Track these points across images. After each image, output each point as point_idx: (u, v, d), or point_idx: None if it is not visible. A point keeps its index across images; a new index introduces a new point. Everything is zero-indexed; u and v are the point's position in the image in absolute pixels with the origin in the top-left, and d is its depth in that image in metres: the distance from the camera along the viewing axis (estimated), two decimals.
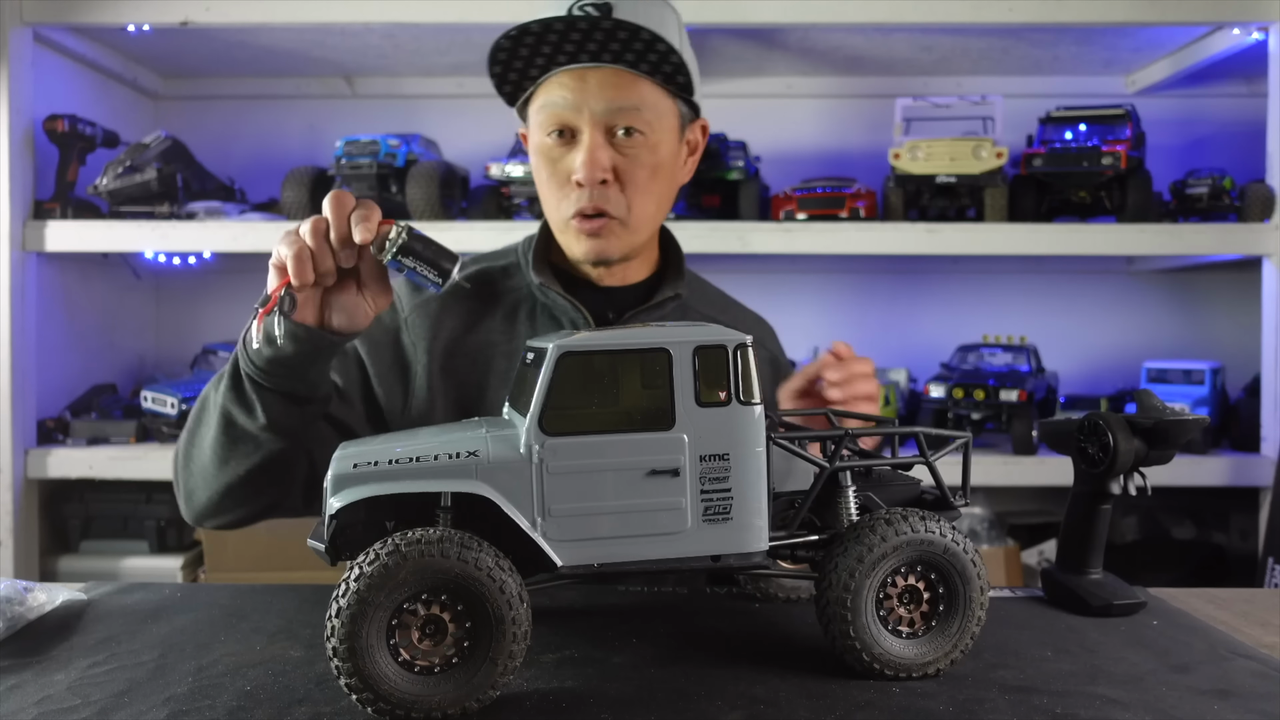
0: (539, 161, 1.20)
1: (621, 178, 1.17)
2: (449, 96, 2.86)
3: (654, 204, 1.22)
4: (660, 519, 0.75)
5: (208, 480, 1.10)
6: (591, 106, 1.14)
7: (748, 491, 0.76)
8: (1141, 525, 2.65)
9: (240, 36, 2.50)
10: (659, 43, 1.11)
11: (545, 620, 0.91)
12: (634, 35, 1.10)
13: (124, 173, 2.39)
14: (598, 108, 1.14)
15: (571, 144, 1.17)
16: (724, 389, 0.75)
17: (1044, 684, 0.78)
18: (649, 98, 1.17)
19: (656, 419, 0.74)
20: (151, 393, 2.42)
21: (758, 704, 0.73)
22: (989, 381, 2.28)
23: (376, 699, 0.69)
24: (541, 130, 1.18)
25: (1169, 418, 0.96)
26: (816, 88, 2.85)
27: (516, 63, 1.16)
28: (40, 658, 0.84)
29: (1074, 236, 2.30)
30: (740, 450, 0.75)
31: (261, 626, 0.92)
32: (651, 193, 1.20)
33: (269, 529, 2.36)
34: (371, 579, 0.68)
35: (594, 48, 1.12)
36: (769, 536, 0.77)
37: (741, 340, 0.76)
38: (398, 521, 0.77)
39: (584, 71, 1.14)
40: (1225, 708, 0.74)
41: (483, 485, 0.73)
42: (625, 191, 1.18)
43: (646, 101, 1.16)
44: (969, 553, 0.78)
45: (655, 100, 1.17)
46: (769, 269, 2.77)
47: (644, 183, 1.18)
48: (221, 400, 1.06)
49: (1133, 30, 2.38)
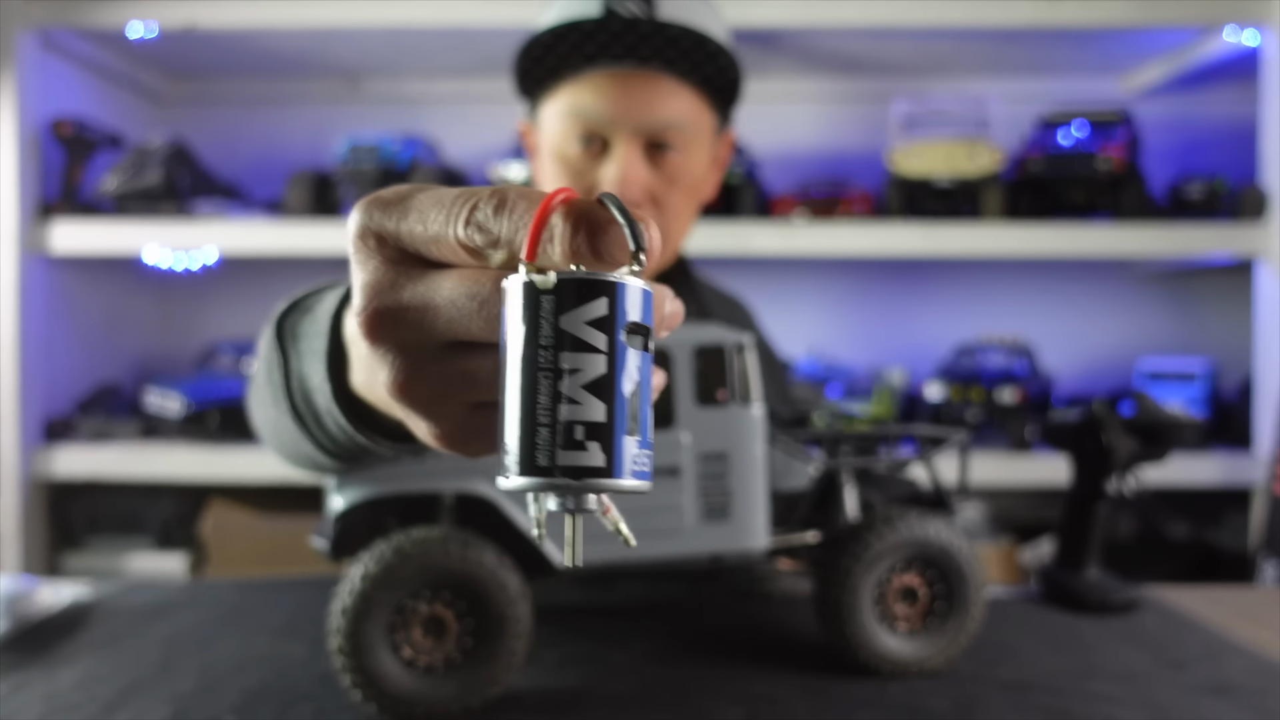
0: (557, 169, 1.03)
1: (656, 199, 1.02)
2: (452, 99, 2.87)
3: (683, 227, 1.08)
4: (659, 518, 0.75)
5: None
6: (634, 117, 0.98)
7: (747, 490, 0.76)
8: (1137, 524, 2.65)
9: (244, 39, 2.50)
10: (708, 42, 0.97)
11: (546, 618, 0.92)
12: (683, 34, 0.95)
13: (129, 175, 2.40)
14: (641, 120, 0.98)
15: (600, 154, 1.01)
16: (724, 388, 0.76)
17: (1041, 681, 0.78)
18: (692, 111, 1.02)
19: (656, 418, 0.75)
20: (157, 392, 2.43)
21: (757, 701, 0.74)
22: (986, 382, 2.29)
23: (379, 696, 0.69)
24: (565, 136, 1.02)
25: (1164, 418, 0.97)
26: (815, 90, 2.86)
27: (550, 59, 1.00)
28: (46, 655, 0.85)
29: (1070, 238, 2.31)
30: (739, 449, 0.76)
31: (265, 624, 0.93)
32: (685, 216, 1.07)
33: (273, 527, 2.38)
34: (375, 577, 0.69)
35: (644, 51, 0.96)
36: (768, 535, 0.78)
37: (741, 341, 0.77)
38: (400, 520, 0.78)
39: (625, 76, 0.98)
40: (1221, 704, 0.74)
41: (484, 485, 0.74)
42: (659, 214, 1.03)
43: (689, 115, 1.01)
44: (966, 551, 0.79)
45: (698, 114, 1.03)
46: (768, 269, 2.78)
47: (679, 206, 1.04)
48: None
49: (1128, 33, 2.38)
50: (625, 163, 0.98)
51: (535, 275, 0.34)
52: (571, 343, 0.33)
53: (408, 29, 2.39)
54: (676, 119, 1.00)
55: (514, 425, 0.34)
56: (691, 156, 1.03)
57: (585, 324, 0.33)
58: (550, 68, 1.00)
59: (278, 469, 2.31)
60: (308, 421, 0.61)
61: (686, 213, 1.07)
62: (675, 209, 1.03)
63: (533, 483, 0.34)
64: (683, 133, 1.01)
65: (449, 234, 0.36)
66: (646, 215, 0.35)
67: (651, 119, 0.99)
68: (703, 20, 0.98)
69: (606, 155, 1.00)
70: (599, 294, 0.33)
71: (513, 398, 0.34)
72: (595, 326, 0.33)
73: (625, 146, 0.99)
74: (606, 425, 0.34)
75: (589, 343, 0.33)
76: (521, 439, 0.34)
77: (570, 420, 0.33)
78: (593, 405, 0.33)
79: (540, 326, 0.33)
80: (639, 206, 0.98)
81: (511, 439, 0.34)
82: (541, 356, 0.33)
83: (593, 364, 0.33)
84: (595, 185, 1.00)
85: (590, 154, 1.01)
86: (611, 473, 0.34)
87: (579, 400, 0.33)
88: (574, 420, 0.33)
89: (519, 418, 0.34)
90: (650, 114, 0.98)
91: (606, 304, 0.33)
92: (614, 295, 0.33)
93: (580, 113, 0.99)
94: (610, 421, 0.34)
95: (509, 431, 0.34)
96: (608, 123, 0.99)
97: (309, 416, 0.61)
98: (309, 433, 0.62)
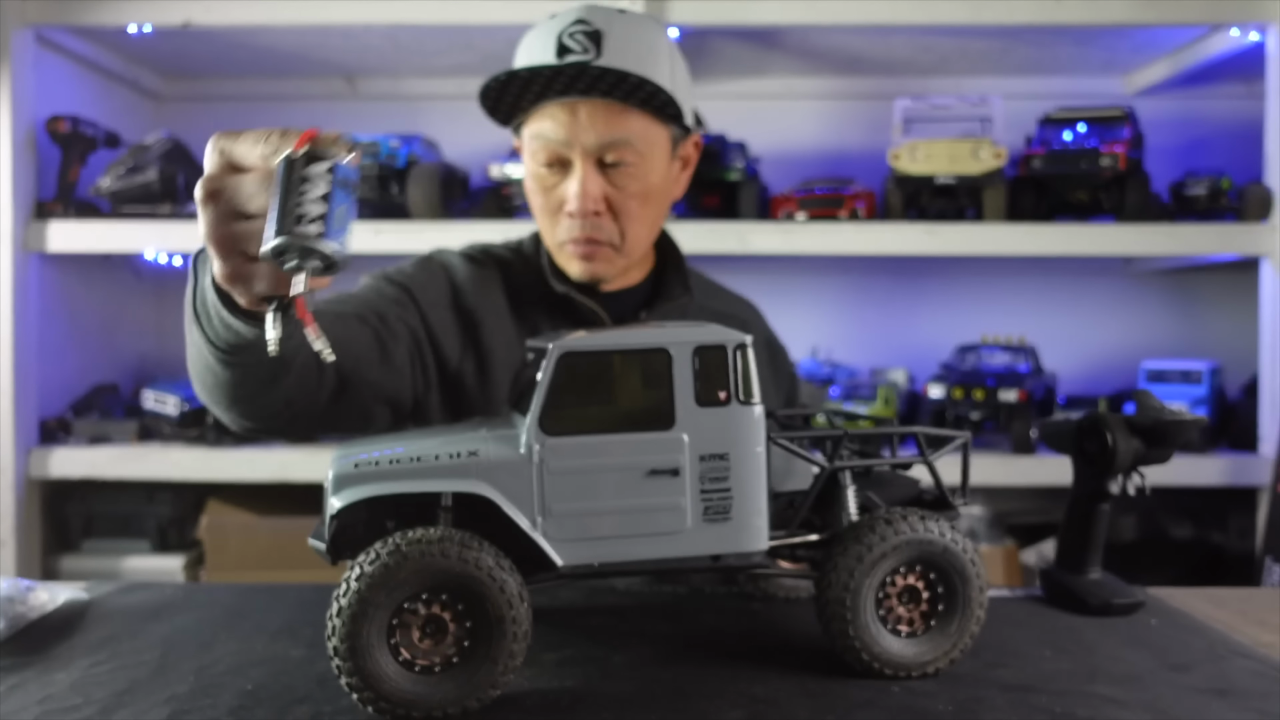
0: (532, 186, 1.22)
1: (614, 207, 1.18)
2: (450, 97, 2.86)
3: (646, 228, 1.24)
4: (660, 519, 0.75)
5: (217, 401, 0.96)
6: (583, 140, 1.15)
7: (747, 491, 0.76)
8: (1140, 525, 2.65)
9: (241, 37, 2.50)
10: (647, 84, 1.12)
11: (545, 620, 0.92)
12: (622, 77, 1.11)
13: (126, 174, 2.39)
14: (589, 141, 1.15)
15: (563, 173, 1.18)
16: (724, 389, 0.75)
17: (1043, 683, 0.78)
18: (638, 128, 1.17)
19: (656, 419, 0.75)
20: (153, 393, 2.42)
21: (758, 703, 0.74)
22: (988, 381, 2.28)
23: (377, 698, 0.69)
24: (533, 159, 1.19)
25: (1168, 418, 0.97)
26: (816, 88, 2.86)
27: (507, 97, 1.17)
28: (42, 657, 0.84)
29: (1073, 237, 2.30)
30: (740, 450, 0.76)
31: (263, 626, 0.93)
32: (644, 218, 1.22)
33: (271, 529, 2.37)
34: (372, 578, 0.68)
35: (583, 86, 1.13)
36: (769, 536, 0.78)
37: (741, 340, 0.76)
38: (398, 521, 0.77)
39: (574, 104, 1.14)
40: (1223, 707, 0.74)
41: (483, 485, 0.73)
42: (618, 220, 1.19)
43: (636, 132, 1.17)
44: (968, 552, 0.79)
45: (645, 129, 1.18)
46: (769, 269, 2.77)
47: (635, 210, 1.20)
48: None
49: (1131, 31, 2.38)
50: (582, 178, 1.15)
51: (294, 153, 0.65)
52: (307, 180, 0.65)
53: (406, 27, 2.39)
54: (623, 136, 1.16)
55: (273, 221, 0.64)
56: (645, 167, 1.18)
57: (321, 170, 0.65)
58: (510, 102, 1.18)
59: (276, 469, 2.31)
60: (204, 324, 0.83)
61: (648, 214, 1.22)
62: (632, 213, 1.19)
63: (281, 241, 0.64)
64: (632, 148, 1.16)
65: (257, 151, 0.68)
66: (336, 138, 0.67)
67: (599, 138, 1.15)
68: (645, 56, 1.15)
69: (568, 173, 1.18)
70: (322, 158, 0.65)
71: (274, 208, 0.64)
72: (326, 171, 0.65)
73: (581, 164, 1.16)
74: (322, 217, 0.64)
75: (315, 180, 0.65)
76: (277, 224, 0.64)
77: (303, 214, 0.64)
78: (316, 208, 0.64)
79: (292, 172, 0.65)
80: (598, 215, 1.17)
81: (270, 229, 0.64)
82: (292, 185, 0.64)
83: (316, 189, 0.65)
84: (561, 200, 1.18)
85: (554, 173, 1.19)
86: (326, 236, 0.64)
87: (308, 205, 0.64)
88: (306, 214, 0.64)
89: (277, 215, 0.64)
90: (598, 134, 1.14)
91: (326, 164, 0.65)
92: (331, 159, 0.66)
93: (541, 137, 1.17)
94: (324, 215, 0.64)
95: (269, 226, 0.64)
96: (563, 144, 1.16)
97: (205, 318, 0.83)
98: (206, 336, 0.84)
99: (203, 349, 0.85)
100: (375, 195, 2.38)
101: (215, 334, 0.82)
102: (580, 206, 1.16)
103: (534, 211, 1.24)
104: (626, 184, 1.18)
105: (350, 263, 0.67)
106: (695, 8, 2.24)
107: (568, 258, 1.22)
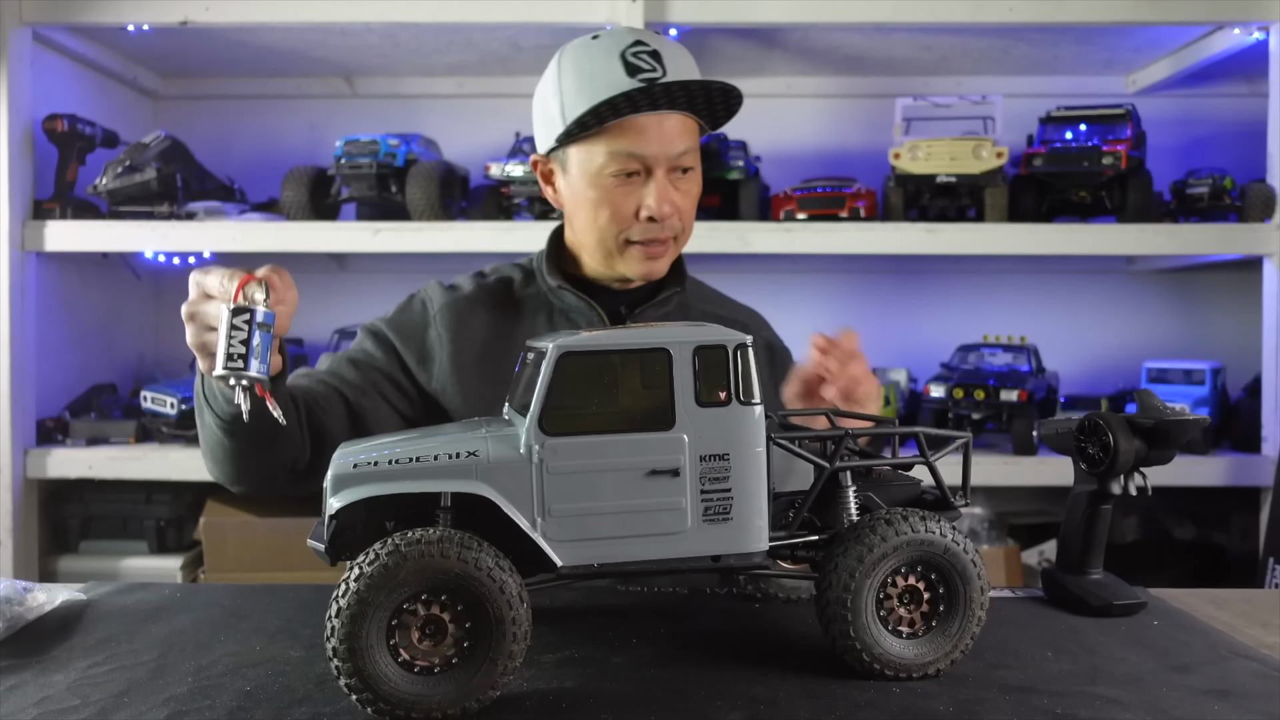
0: (598, 194, 1.26)
1: (679, 210, 1.28)
2: (449, 96, 2.86)
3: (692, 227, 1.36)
4: (660, 519, 0.75)
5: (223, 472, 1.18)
6: (667, 150, 1.23)
7: (748, 491, 0.76)
8: (1142, 525, 2.64)
9: (240, 36, 2.49)
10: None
11: (545, 620, 0.91)
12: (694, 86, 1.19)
13: (123, 172, 2.39)
14: (672, 151, 1.24)
15: (637, 180, 1.25)
16: (724, 389, 0.75)
17: (1044, 684, 0.78)
18: (695, 136, 1.28)
19: (656, 419, 0.74)
20: (151, 393, 2.42)
21: (758, 704, 0.73)
22: (989, 381, 2.28)
23: (376, 699, 0.69)
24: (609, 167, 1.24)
25: (1169, 418, 0.96)
26: (816, 87, 2.85)
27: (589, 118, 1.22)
28: (40, 658, 0.84)
29: (1074, 236, 2.30)
30: (740, 450, 0.75)
31: (261, 627, 0.92)
32: (693, 217, 1.34)
33: (269, 529, 2.37)
34: (371, 579, 0.68)
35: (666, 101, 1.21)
36: (769, 536, 0.77)
37: (741, 340, 0.76)
38: (398, 522, 0.77)
39: (661, 117, 1.22)
40: (1225, 708, 0.74)
41: (483, 485, 0.73)
42: (682, 220, 1.30)
43: (694, 141, 1.28)
44: (969, 553, 0.78)
45: (696, 136, 1.28)
46: (769, 269, 2.77)
47: (690, 209, 1.32)
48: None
49: (1133, 30, 2.38)
50: (664, 187, 1.25)
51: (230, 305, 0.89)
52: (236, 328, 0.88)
53: (405, 26, 2.38)
54: (694, 145, 1.27)
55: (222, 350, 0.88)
56: (698, 170, 1.31)
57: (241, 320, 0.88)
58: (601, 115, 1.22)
59: None
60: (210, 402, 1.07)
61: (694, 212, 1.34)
62: (689, 212, 1.32)
63: (222, 373, 0.87)
64: (695, 154, 1.28)
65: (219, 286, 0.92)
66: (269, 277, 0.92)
67: (680, 150, 1.25)
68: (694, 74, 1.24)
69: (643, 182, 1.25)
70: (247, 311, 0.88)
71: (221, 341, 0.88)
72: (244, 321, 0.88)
73: (661, 174, 1.25)
74: (245, 353, 0.87)
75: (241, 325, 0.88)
76: (221, 360, 0.87)
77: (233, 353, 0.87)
78: (241, 348, 0.87)
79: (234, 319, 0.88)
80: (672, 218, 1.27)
81: (219, 362, 0.88)
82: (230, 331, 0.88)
83: (241, 333, 0.88)
84: (639, 207, 1.26)
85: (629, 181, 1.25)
86: (245, 368, 0.87)
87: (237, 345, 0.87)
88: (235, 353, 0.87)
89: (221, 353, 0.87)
90: (679, 146, 1.24)
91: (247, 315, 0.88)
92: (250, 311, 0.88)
93: (628, 149, 1.22)
94: (246, 351, 0.87)
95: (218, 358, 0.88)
96: (650, 156, 1.23)
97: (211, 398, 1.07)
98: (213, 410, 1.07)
99: (211, 426, 1.09)
100: (374, 194, 2.37)
101: (219, 407, 1.06)
102: (665, 212, 1.25)
103: (590, 216, 1.27)
104: (690, 187, 1.29)
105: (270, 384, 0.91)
106: (695, 7, 2.24)
107: (634, 259, 1.29)
